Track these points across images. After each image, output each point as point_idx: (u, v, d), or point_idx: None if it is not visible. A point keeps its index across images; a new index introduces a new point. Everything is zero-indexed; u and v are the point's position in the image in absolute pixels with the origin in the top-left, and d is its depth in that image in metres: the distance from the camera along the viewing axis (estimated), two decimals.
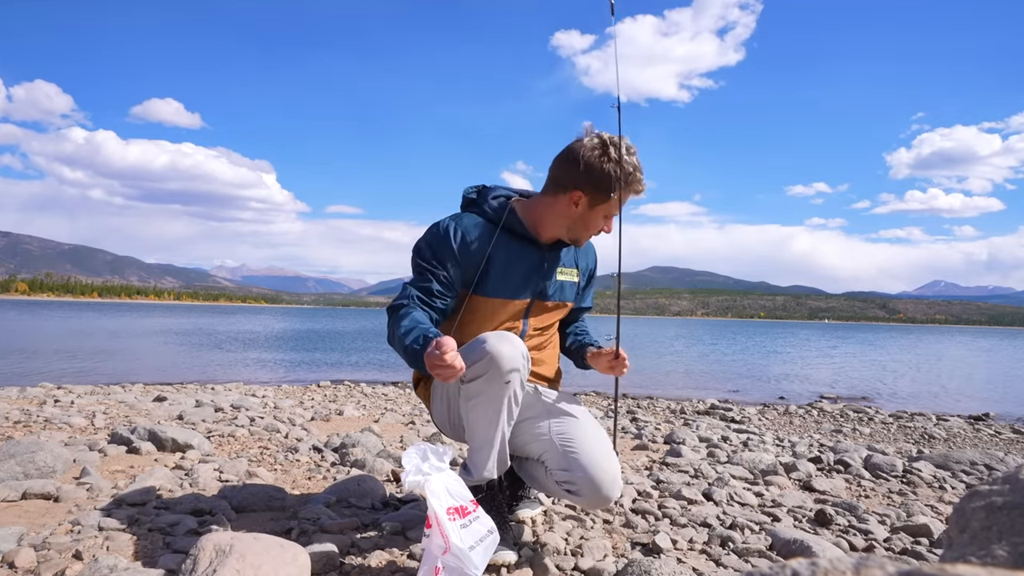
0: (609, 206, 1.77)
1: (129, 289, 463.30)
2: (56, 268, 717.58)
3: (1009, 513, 0.79)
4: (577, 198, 1.75)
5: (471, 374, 1.59)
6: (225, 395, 5.74)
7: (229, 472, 2.59)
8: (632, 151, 1.73)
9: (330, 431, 3.91)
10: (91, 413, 4.10)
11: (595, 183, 1.72)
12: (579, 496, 1.73)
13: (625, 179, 1.71)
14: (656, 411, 6.12)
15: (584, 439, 1.75)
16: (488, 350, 1.59)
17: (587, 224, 1.81)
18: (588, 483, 1.69)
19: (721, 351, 22.00)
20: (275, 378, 9.20)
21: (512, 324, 1.85)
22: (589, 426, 1.80)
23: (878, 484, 2.97)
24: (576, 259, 1.95)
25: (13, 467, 2.28)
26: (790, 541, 1.90)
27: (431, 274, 1.75)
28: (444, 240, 1.77)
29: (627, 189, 1.73)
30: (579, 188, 1.74)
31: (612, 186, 1.71)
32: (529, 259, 1.84)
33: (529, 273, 1.84)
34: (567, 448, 1.73)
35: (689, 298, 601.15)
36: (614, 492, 1.73)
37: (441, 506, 1.41)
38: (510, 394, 1.63)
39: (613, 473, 1.72)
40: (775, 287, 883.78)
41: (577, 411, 1.83)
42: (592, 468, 1.69)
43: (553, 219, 1.81)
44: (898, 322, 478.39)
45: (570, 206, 1.77)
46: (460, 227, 1.79)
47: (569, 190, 1.75)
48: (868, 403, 8.22)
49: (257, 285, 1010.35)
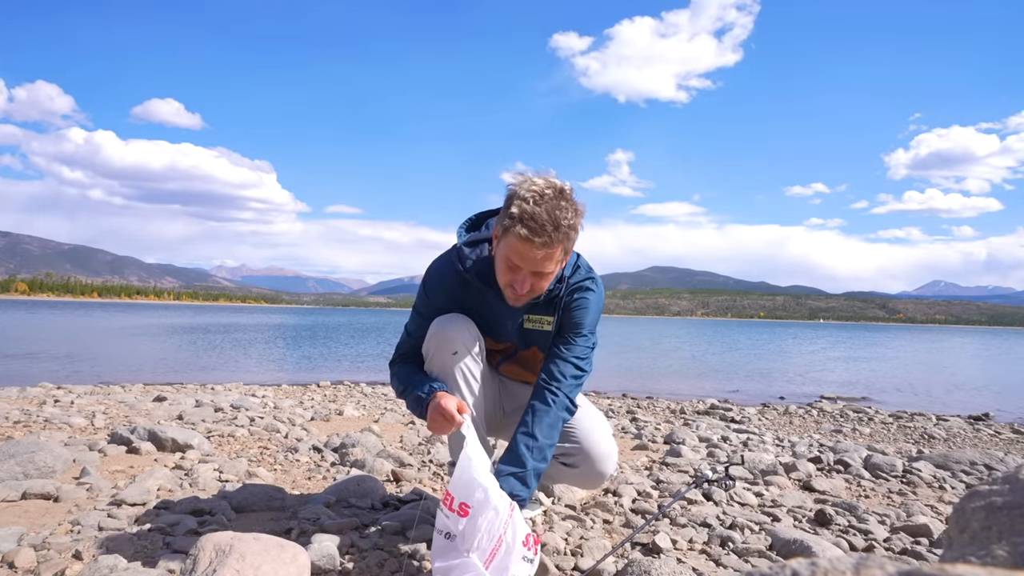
0: (506, 248, 1.57)
1: (129, 289, 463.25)
2: (56, 268, 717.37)
3: (1009, 513, 0.79)
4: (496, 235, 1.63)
5: (426, 356, 1.72)
6: (225, 395, 5.74)
7: (229, 472, 2.59)
8: (545, 199, 1.50)
9: (330, 431, 3.91)
10: (91, 413, 4.10)
11: (500, 219, 1.59)
12: (575, 468, 1.82)
13: (512, 220, 1.51)
14: (656, 411, 6.12)
15: (582, 417, 1.83)
16: (433, 329, 1.71)
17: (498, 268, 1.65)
18: (585, 455, 1.78)
19: (721, 351, 22.01)
20: (275, 378, 9.19)
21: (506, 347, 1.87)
22: (588, 407, 1.88)
23: (878, 484, 2.97)
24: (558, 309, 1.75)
25: (13, 467, 2.28)
26: (790, 541, 1.90)
27: (419, 315, 1.81)
28: (430, 284, 1.80)
29: (510, 233, 1.52)
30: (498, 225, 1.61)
31: (507, 223, 1.53)
32: (496, 310, 1.76)
33: (498, 322, 1.78)
34: (571, 428, 1.81)
35: (689, 298, 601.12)
36: (609, 466, 1.81)
37: (522, 530, 1.43)
38: (460, 367, 1.69)
39: (609, 448, 1.82)
40: (775, 287, 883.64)
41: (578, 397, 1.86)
42: (589, 441, 1.79)
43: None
44: (898, 322, 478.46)
45: (495, 246, 1.65)
46: (436, 270, 1.80)
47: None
48: (868, 403, 8.22)
49: (257, 285, 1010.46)
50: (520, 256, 1.54)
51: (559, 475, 1.93)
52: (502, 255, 1.59)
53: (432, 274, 1.80)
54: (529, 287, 1.60)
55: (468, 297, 1.76)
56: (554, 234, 1.49)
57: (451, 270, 1.76)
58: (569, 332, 1.75)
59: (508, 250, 1.57)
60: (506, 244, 1.56)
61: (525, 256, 1.53)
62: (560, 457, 1.81)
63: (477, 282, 1.72)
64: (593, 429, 1.84)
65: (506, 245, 1.57)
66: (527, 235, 1.49)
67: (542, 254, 1.52)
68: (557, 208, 1.50)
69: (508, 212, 1.52)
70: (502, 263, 1.60)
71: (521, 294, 1.62)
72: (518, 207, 1.49)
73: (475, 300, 1.76)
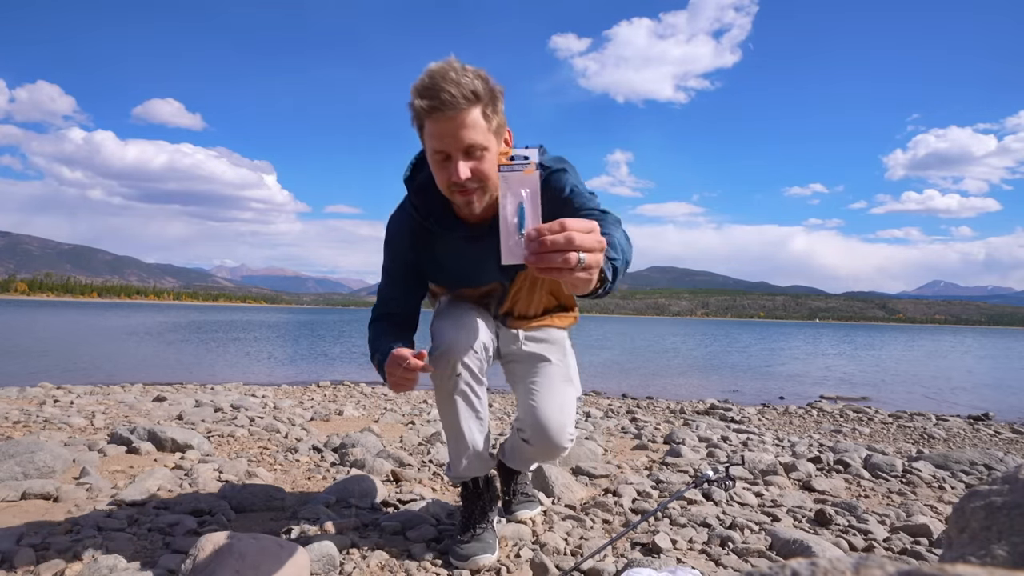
0: (426, 143, 1.44)
1: (129, 289, 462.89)
2: (56, 268, 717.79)
3: (1009, 513, 0.79)
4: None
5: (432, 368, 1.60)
6: (225, 395, 5.74)
7: (229, 472, 2.59)
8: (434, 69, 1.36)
9: (330, 431, 3.91)
10: (91, 413, 4.10)
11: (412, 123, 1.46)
12: (530, 445, 1.74)
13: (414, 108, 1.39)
14: (656, 411, 6.12)
15: (545, 388, 1.73)
16: (435, 345, 1.64)
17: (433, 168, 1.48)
18: (536, 428, 1.69)
19: (721, 351, 22.01)
20: (275, 378, 9.19)
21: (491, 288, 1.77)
22: (556, 377, 1.77)
23: (878, 484, 2.97)
24: None
25: (12, 467, 2.27)
26: (790, 541, 1.89)
27: (386, 274, 1.74)
28: (391, 240, 1.71)
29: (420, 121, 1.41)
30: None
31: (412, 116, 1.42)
32: (465, 251, 1.65)
33: (472, 265, 1.67)
34: (529, 399, 1.73)
35: (689, 298, 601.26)
36: (562, 439, 1.70)
37: None
38: (462, 388, 1.65)
39: (562, 420, 1.69)
40: (774, 287, 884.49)
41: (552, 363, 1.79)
42: (541, 414, 1.68)
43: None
44: (898, 322, 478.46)
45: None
46: (393, 222, 1.71)
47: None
48: (868, 403, 8.22)
49: (257, 285, 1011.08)
50: (438, 137, 1.38)
51: (519, 450, 1.86)
52: (429, 156, 1.45)
53: (391, 229, 1.71)
54: (469, 173, 1.41)
55: (432, 246, 1.67)
56: (455, 90, 1.33)
57: (407, 221, 1.67)
58: (566, 207, 1.50)
59: (428, 141, 1.42)
60: (425, 139, 1.42)
61: (442, 133, 1.37)
62: (520, 433, 1.75)
63: (437, 227, 1.62)
64: (549, 402, 1.70)
65: (425, 140, 1.43)
66: (429, 104, 1.34)
67: (456, 120, 1.35)
68: (450, 71, 1.35)
69: (410, 107, 1.40)
70: (433, 165, 1.45)
71: (465, 186, 1.42)
72: (412, 92, 1.37)
73: (440, 247, 1.67)
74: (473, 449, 1.73)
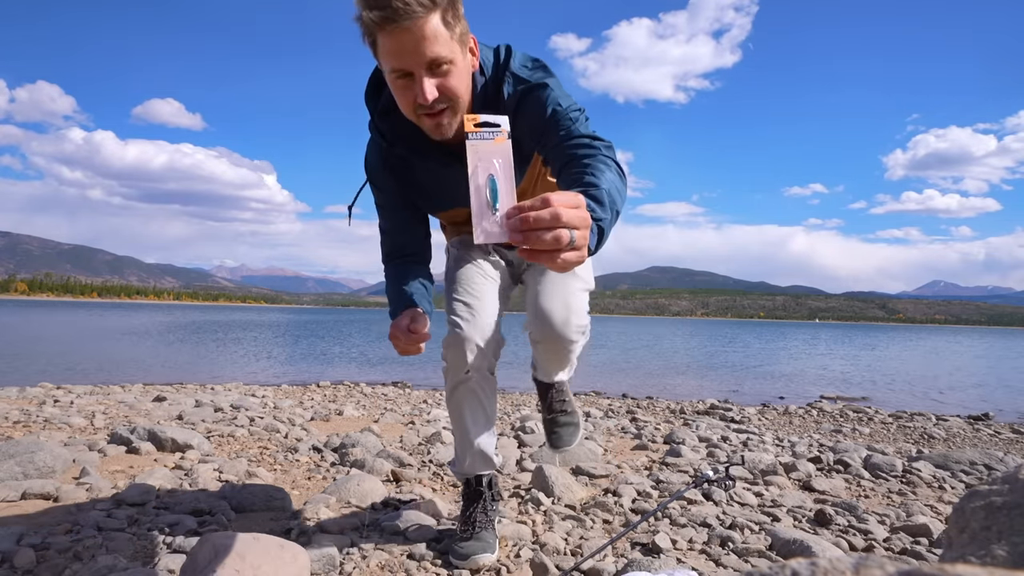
0: (383, 62, 1.26)
1: (129, 289, 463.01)
2: (56, 268, 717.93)
3: (1009, 513, 0.79)
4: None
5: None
6: (225, 395, 5.74)
7: (229, 472, 2.59)
8: None
9: (330, 431, 3.91)
10: (91, 413, 4.10)
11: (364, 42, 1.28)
12: (537, 343, 1.67)
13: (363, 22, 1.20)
14: (656, 411, 6.12)
15: (548, 282, 1.65)
16: (446, 343, 1.61)
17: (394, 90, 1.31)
18: (538, 322, 1.60)
19: (721, 351, 22.01)
20: (275, 378, 9.19)
21: None
22: (568, 278, 1.66)
23: (878, 484, 2.97)
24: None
25: (12, 467, 2.27)
26: (790, 541, 1.89)
27: (380, 208, 1.65)
28: (372, 175, 1.61)
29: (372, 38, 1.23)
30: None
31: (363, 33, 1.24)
32: (443, 176, 1.53)
33: (456, 187, 1.51)
34: (532, 295, 1.65)
35: (689, 298, 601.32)
36: (567, 331, 1.60)
37: None
38: (471, 387, 1.64)
39: (565, 313, 1.59)
40: (774, 287, 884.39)
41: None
42: (543, 306, 1.59)
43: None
44: (898, 322, 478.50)
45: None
46: (368, 152, 1.61)
47: None
48: (868, 403, 8.22)
49: (257, 285, 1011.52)
50: (396, 54, 1.20)
51: (534, 354, 1.81)
52: (387, 77, 1.27)
53: (368, 161, 1.61)
54: (436, 92, 1.24)
55: (410, 172, 1.57)
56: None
57: (379, 150, 1.56)
58: (549, 132, 1.32)
59: (383, 60, 1.24)
60: (380, 57, 1.25)
61: (400, 49, 1.19)
62: (529, 335, 1.66)
63: (414, 157, 1.51)
64: (554, 296, 1.60)
65: (380, 59, 1.25)
66: (380, 16, 1.15)
67: (414, 31, 1.17)
68: None
69: (357, 21, 1.22)
70: (393, 87, 1.28)
71: (433, 107, 1.26)
72: (358, 1, 1.18)
73: (419, 173, 1.56)
74: (477, 447, 1.73)
